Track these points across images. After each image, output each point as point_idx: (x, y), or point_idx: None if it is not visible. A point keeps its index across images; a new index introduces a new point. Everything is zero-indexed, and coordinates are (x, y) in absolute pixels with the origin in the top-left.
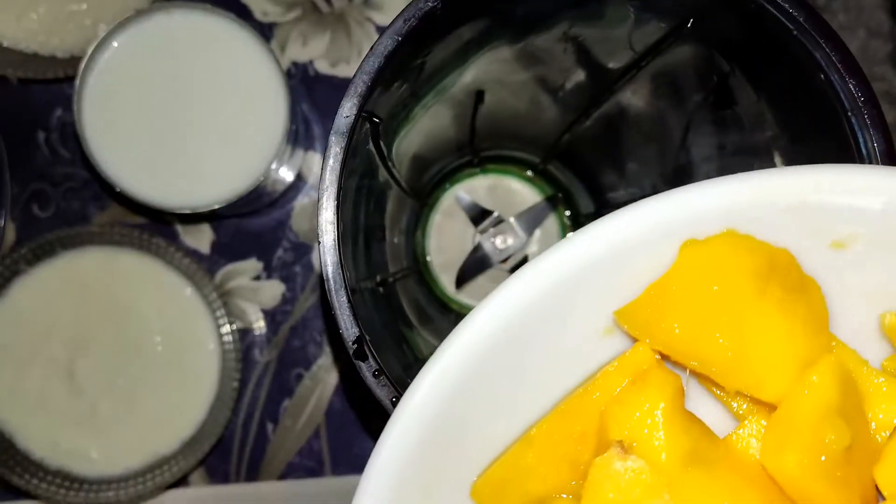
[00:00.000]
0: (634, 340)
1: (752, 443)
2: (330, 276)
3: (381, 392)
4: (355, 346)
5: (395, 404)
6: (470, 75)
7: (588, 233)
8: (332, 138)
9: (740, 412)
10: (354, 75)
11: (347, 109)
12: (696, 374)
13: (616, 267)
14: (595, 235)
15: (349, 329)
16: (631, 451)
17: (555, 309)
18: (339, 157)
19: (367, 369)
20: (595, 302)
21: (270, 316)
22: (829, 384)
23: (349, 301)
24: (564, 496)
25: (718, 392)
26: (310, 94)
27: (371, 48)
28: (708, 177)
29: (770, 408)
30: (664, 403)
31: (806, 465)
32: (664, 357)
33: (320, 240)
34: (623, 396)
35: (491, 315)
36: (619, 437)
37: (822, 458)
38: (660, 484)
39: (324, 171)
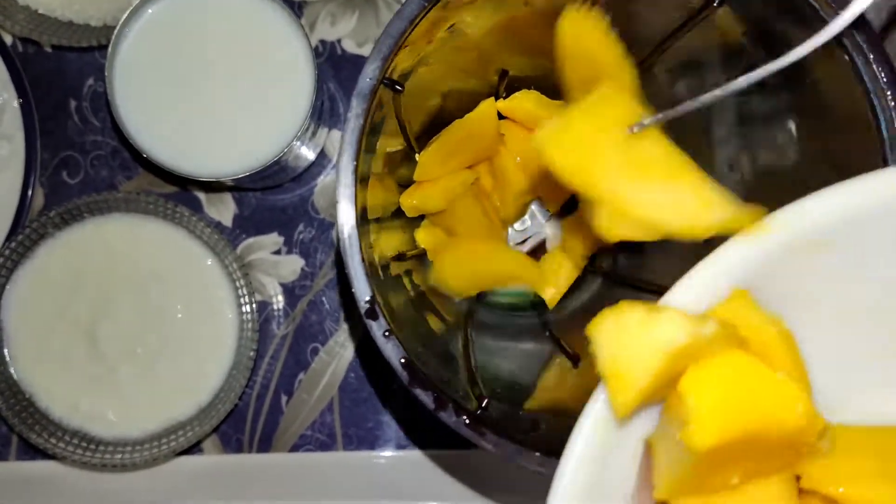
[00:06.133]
0: None
1: None
2: (346, 235)
3: (391, 352)
4: (367, 305)
5: (404, 365)
6: (493, 52)
7: None
8: (354, 100)
9: None
10: (379, 38)
11: (371, 72)
12: None
13: None
14: None
15: (362, 288)
16: None
17: None
18: (360, 119)
19: (377, 328)
20: None
21: (289, 290)
22: None
23: (363, 261)
24: None
25: None
26: (336, 73)
27: (397, 12)
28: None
29: None
30: None
31: None
32: None
33: (338, 199)
34: None
35: None
36: None
37: None
38: None
39: (344, 132)
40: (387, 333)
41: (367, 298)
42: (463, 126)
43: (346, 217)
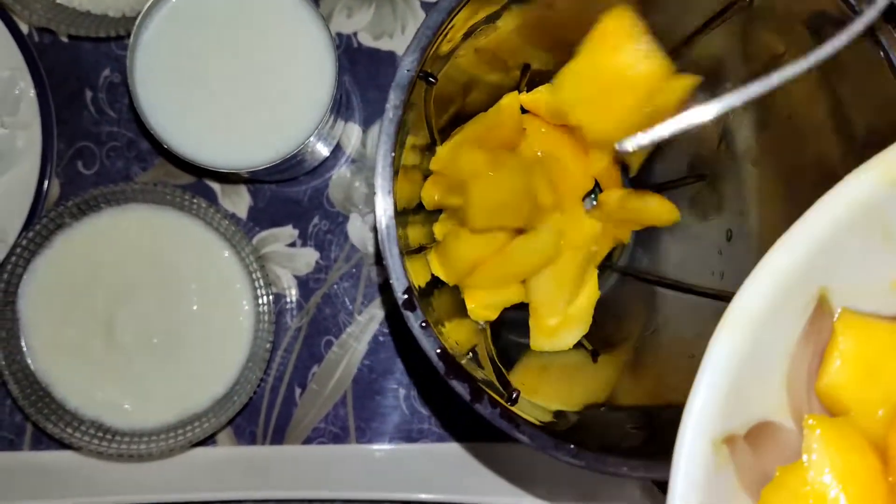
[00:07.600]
0: None
1: None
2: (384, 226)
3: (427, 343)
4: (405, 296)
5: (440, 356)
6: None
7: None
8: (392, 92)
9: None
10: (418, 30)
11: (409, 63)
12: None
13: None
14: None
15: (400, 279)
16: None
17: None
18: (399, 111)
19: (414, 319)
20: None
21: (303, 283)
22: None
23: (400, 252)
24: None
25: None
26: (352, 66)
27: (435, 4)
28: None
29: None
30: None
31: None
32: None
33: (375, 190)
34: None
35: None
36: None
37: None
38: None
39: (382, 123)
40: (424, 325)
41: (405, 290)
42: (486, 119)
43: (385, 208)
